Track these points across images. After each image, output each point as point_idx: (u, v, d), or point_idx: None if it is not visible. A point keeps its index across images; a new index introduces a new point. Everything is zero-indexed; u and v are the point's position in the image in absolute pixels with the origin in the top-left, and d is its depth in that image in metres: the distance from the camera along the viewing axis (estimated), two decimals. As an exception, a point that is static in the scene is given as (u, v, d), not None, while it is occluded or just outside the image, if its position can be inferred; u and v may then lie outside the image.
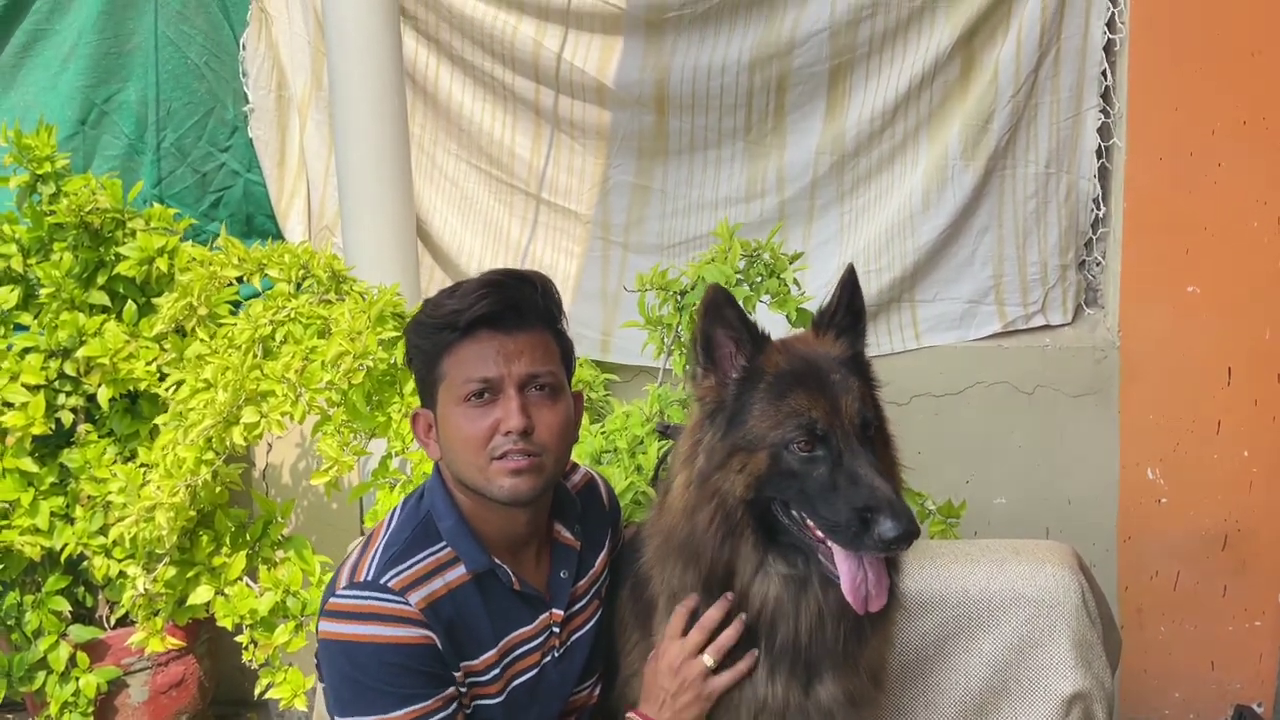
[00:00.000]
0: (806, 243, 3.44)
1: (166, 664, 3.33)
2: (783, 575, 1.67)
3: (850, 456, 1.59)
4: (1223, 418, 3.25)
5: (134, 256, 3.10)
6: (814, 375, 1.65)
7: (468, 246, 3.70)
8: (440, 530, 1.70)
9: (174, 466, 2.67)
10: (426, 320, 1.71)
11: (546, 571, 1.79)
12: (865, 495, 1.55)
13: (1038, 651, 2.28)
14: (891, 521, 1.51)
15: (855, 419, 1.62)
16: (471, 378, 1.66)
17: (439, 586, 1.66)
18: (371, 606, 1.60)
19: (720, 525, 1.65)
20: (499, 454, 1.64)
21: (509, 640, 1.72)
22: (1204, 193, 3.17)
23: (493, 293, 1.67)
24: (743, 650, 1.71)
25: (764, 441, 1.62)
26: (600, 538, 1.90)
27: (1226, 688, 3.37)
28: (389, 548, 1.68)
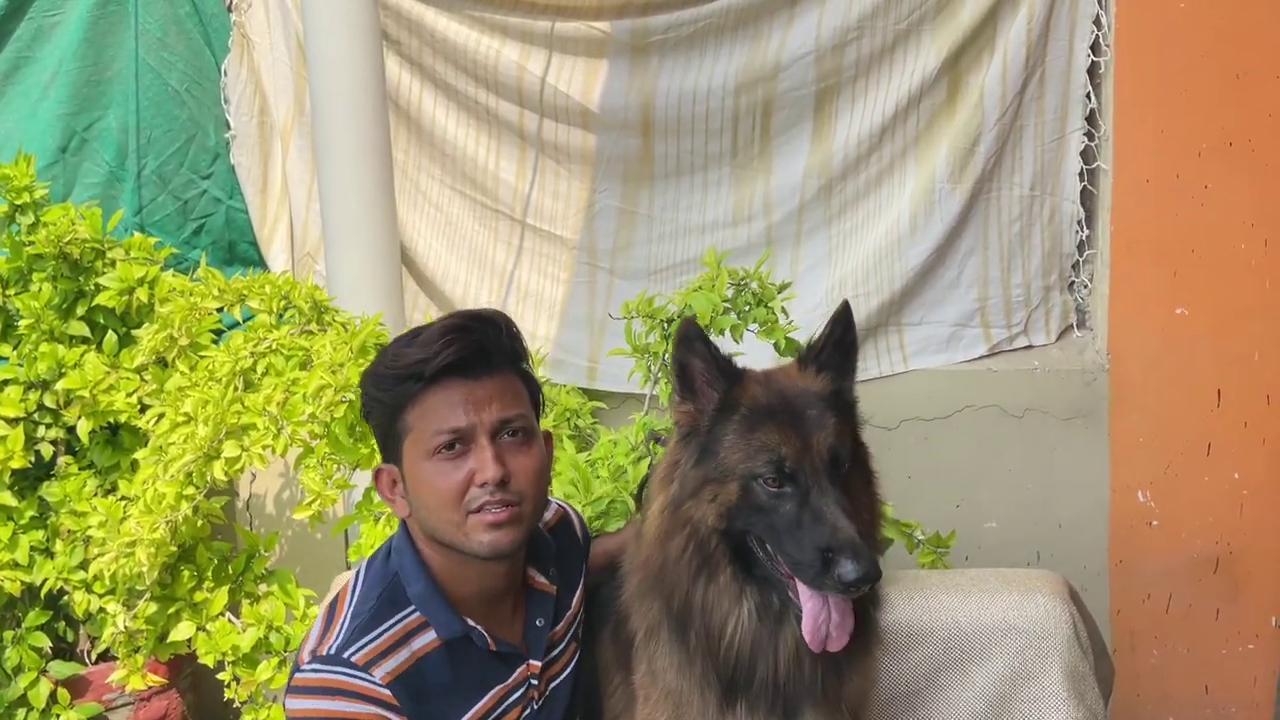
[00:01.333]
0: (794, 267, 3.43)
1: (149, 699, 3.28)
2: (759, 609, 1.64)
3: (817, 494, 1.57)
4: (1213, 440, 3.24)
5: (114, 287, 3.07)
6: (787, 410, 1.63)
7: (453, 273, 3.67)
8: (409, 595, 1.63)
9: (154, 502, 2.63)
10: (387, 372, 1.63)
11: (522, 621, 1.73)
12: (827, 535, 1.53)
13: (1030, 684, 2.25)
14: (852, 563, 1.50)
15: (825, 456, 1.60)
16: (441, 429, 1.58)
17: (405, 658, 1.59)
18: (333, 681, 1.54)
19: (694, 555, 1.62)
20: (475, 507, 1.58)
21: (488, 700, 1.65)
22: (1191, 215, 3.17)
23: (458, 338, 1.60)
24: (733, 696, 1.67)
25: (734, 473, 1.61)
26: (576, 576, 1.85)
27: (1221, 712, 3.35)
28: (354, 618, 1.61)
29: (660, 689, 1.74)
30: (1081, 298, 3.49)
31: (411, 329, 1.68)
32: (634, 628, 1.77)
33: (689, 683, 1.69)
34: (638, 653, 1.78)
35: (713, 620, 1.64)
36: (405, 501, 1.65)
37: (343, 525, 2.75)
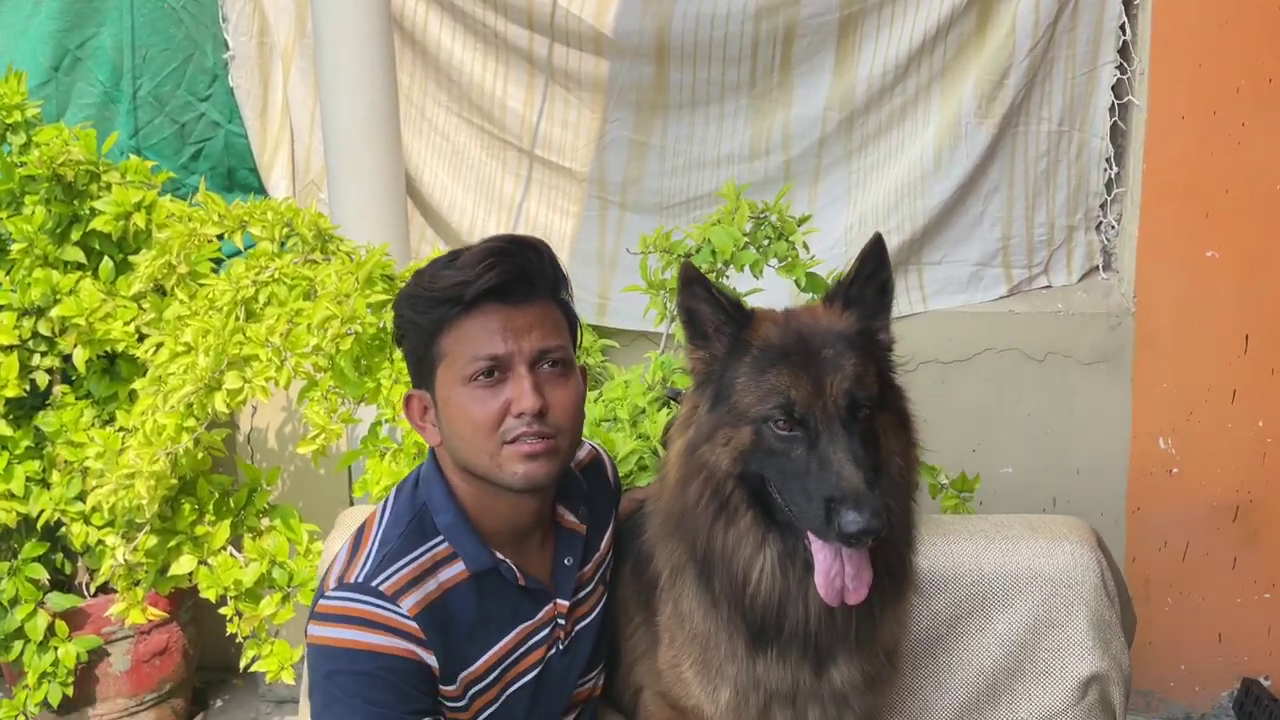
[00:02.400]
0: (813, 203, 3.32)
1: (149, 632, 3.26)
2: (782, 557, 1.59)
3: (827, 441, 1.51)
4: (1238, 386, 3.17)
5: (110, 211, 2.97)
6: (801, 351, 1.56)
7: (459, 204, 3.57)
8: (437, 525, 1.58)
9: (154, 434, 2.55)
10: (423, 293, 1.56)
11: (550, 560, 1.68)
12: (831, 484, 1.47)
13: (1054, 632, 2.21)
14: (853, 514, 1.43)
15: (840, 400, 1.53)
16: (479, 355, 1.52)
17: (433, 588, 1.54)
18: (360, 610, 1.49)
19: (710, 499, 1.58)
20: (511, 438, 1.52)
21: (513, 636, 1.61)
22: (1226, 154, 3.06)
23: (500, 262, 1.53)
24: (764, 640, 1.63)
25: (747, 417, 1.55)
26: (606, 518, 1.80)
27: (1234, 660, 3.32)
28: (383, 545, 1.56)
29: (687, 631, 1.70)
30: (1108, 238, 3.39)
31: (450, 251, 1.61)
32: (658, 569, 1.72)
33: (716, 626, 1.65)
34: (662, 594, 1.73)
35: (735, 567, 1.59)
36: (436, 429, 1.60)
37: (347, 460, 2.68)
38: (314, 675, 1.51)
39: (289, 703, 3.63)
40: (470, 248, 1.58)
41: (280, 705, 3.64)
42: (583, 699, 1.74)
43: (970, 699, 2.22)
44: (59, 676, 3.02)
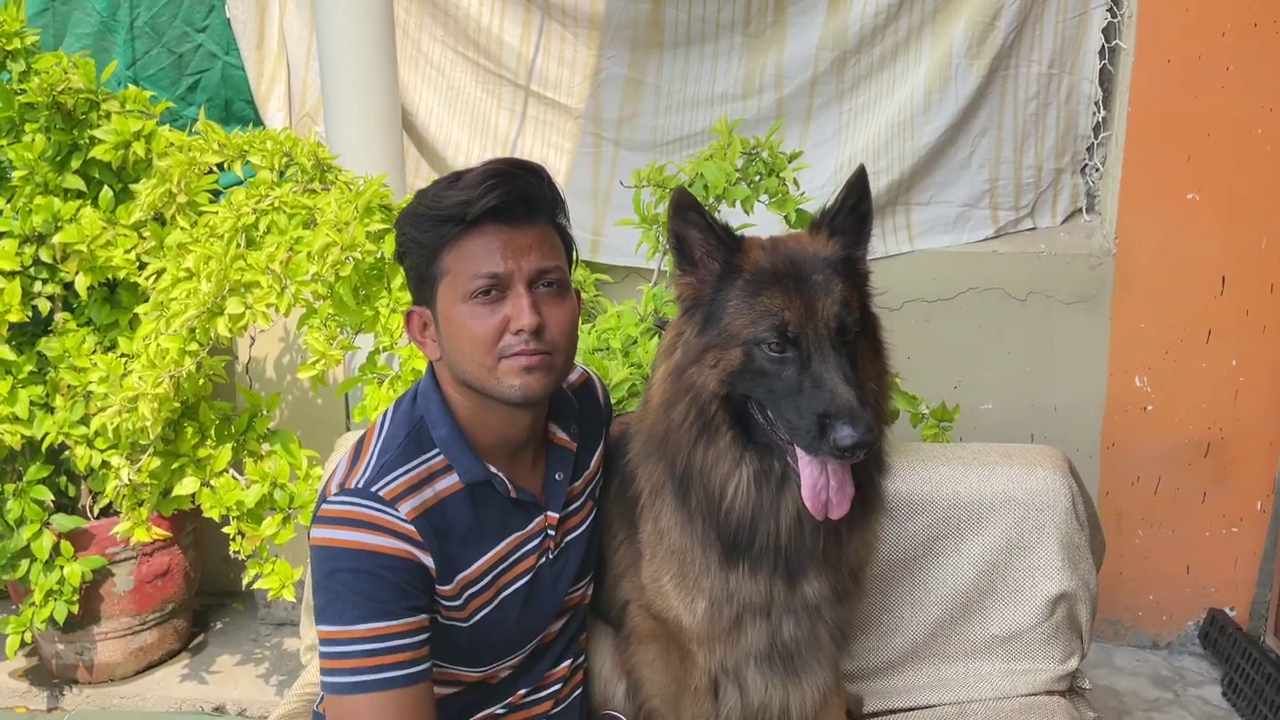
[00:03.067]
0: (804, 142, 3.37)
1: (152, 554, 3.34)
2: (758, 475, 1.65)
3: (819, 360, 1.56)
4: (1213, 327, 3.24)
5: (109, 140, 3.00)
6: (792, 275, 1.61)
7: (454, 139, 3.60)
8: (434, 438, 1.64)
9: (157, 357, 2.61)
10: (426, 212, 1.61)
11: (542, 474, 1.75)
12: (825, 401, 1.53)
13: (1026, 553, 2.30)
14: (849, 428, 1.49)
15: (830, 323, 1.58)
16: (479, 274, 1.57)
17: (430, 496, 1.61)
18: (360, 513, 1.56)
19: (695, 420, 1.63)
20: (509, 353, 1.58)
21: (506, 544, 1.68)
22: (1210, 97, 3.11)
23: (501, 183, 1.57)
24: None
25: (738, 338, 1.60)
26: (596, 438, 1.87)
27: (1201, 591, 3.44)
28: (382, 454, 1.62)
29: (665, 547, 1.77)
30: (1092, 181, 3.45)
31: (453, 172, 1.65)
32: (639, 488, 1.79)
33: (692, 541, 1.72)
34: (643, 512, 1.80)
35: (712, 483, 1.65)
36: (436, 345, 1.65)
37: (347, 386, 2.74)
38: (317, 574, 1.58)
39: (287, 625, 3.74)
40: (472, 169, 1.62)
41: (279, 627, 3.74)
42: (573, 606, 1.82)
43: (944, 616, 2.32)
44: (65, 594, 3.10)
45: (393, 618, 1.54)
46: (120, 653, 3.40)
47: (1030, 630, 2.31)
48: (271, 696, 3.34)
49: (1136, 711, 3.20)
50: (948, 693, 2.29)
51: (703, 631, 1.77)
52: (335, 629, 1.54)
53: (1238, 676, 3.21)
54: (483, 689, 1.73)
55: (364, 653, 1.53)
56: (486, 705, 1.74)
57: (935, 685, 2.31)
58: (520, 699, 1.76)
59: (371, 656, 1.53)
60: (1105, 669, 3.38)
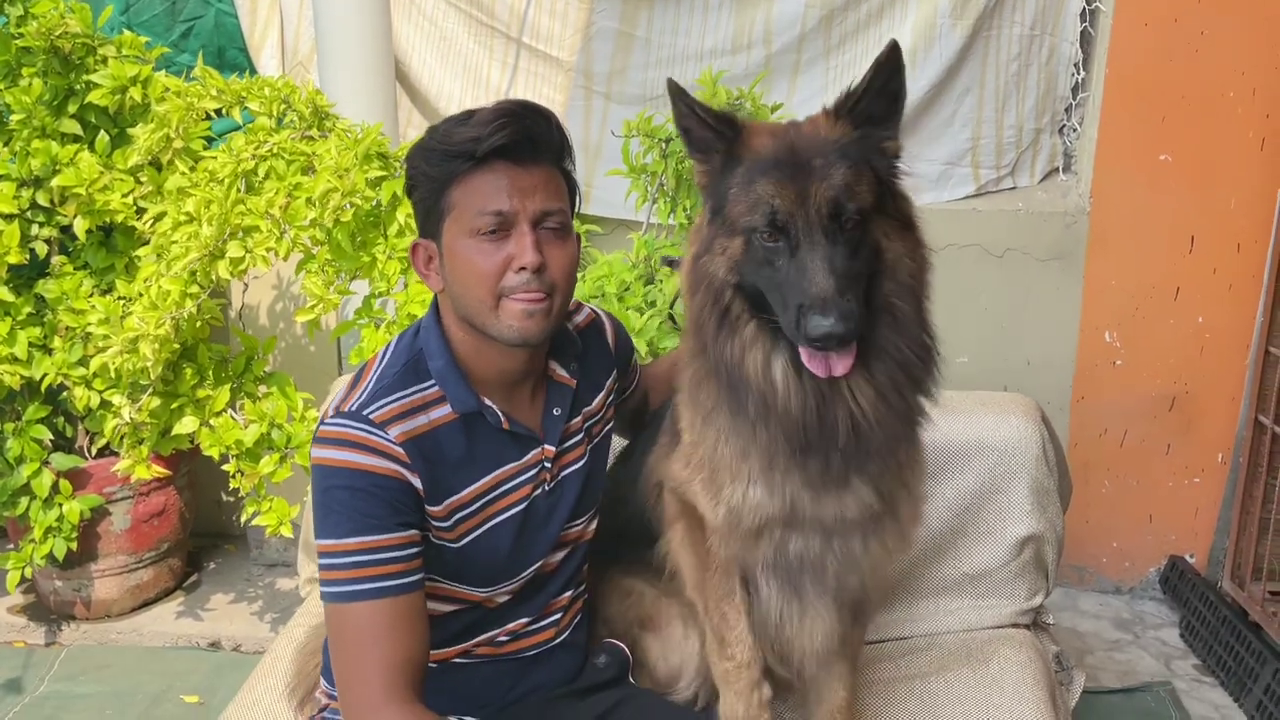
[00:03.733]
0: (790, 98, 3.43)
1: (148, 494, 3.42)
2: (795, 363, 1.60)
3: (806, 249, 1.53)
4: (1182, 284, 3.35)
5: (106, 85, 3.03)
6: (789, 162, 1.56)
7: (447, 90, 3.63)
8: (431, 369, 1.71)
9: (159, 299, 2.68)
10: (437, 147, 1.65)
11: (541, 408, 1.81)
12: (802, 290, 1.51)
13: (997, 496, 2.42)
14: (818, 317, 1.47)
15: (824, 209, 1.53)
16: (485, 210, 1.62)
17: (423, 423, 1.68)
18: (351, 434, 1.63)
19: (712, 308, 1.63)
20: (510, 293, 1.64)
21: (497, 474, 1.75)
22: (1184, 60, 3.19)
23: (511, 123, 1.62)
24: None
25: (738, 226, 1.59)
26: (601, 378, 1.92)
27: (1162, 539, 3.58)
28: (379, 381, 1.69)
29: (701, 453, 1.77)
30: (1070, 141, 3.53)
31: (464, 110, 1.69)
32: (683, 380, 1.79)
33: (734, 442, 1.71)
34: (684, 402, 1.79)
35: (746, 375, 1.63)
36: (439, 277, 1.71)
37: (343, 329, 2.82)
38: (315, 491, 1.66)
39: (279, 565, 3.83)
40: (484, 108, 1.66)
41: (271, 568, 3.83)
42: (572, 539, 1.89)
43: (919, 556, 2.43)
44: (63, 531, 3.18)
45: (384, 532, 1.63)
46: (117, 590, 3.48)
47: (999, 569, 2.43)
48: (266, 633, 3.44)
49: (1098, 651, 3.35)
50: (919, 626, 2.42)
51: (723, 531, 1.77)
52: (331, 542, 1.63)
53: (1195, 619, 3.36)
54: (481, 611, 1.81)
55: (358, 564, 1.61)
56: (487, 629, 1.82)
57: (908, 620, 2.43)
58: (522, 627, 1.83)
59: (365, 567, 1.61)
60: (1070, 612, 3.52)
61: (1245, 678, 3.06)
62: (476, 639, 1.83)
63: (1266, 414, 3.19)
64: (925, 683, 2.19)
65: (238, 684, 2.32)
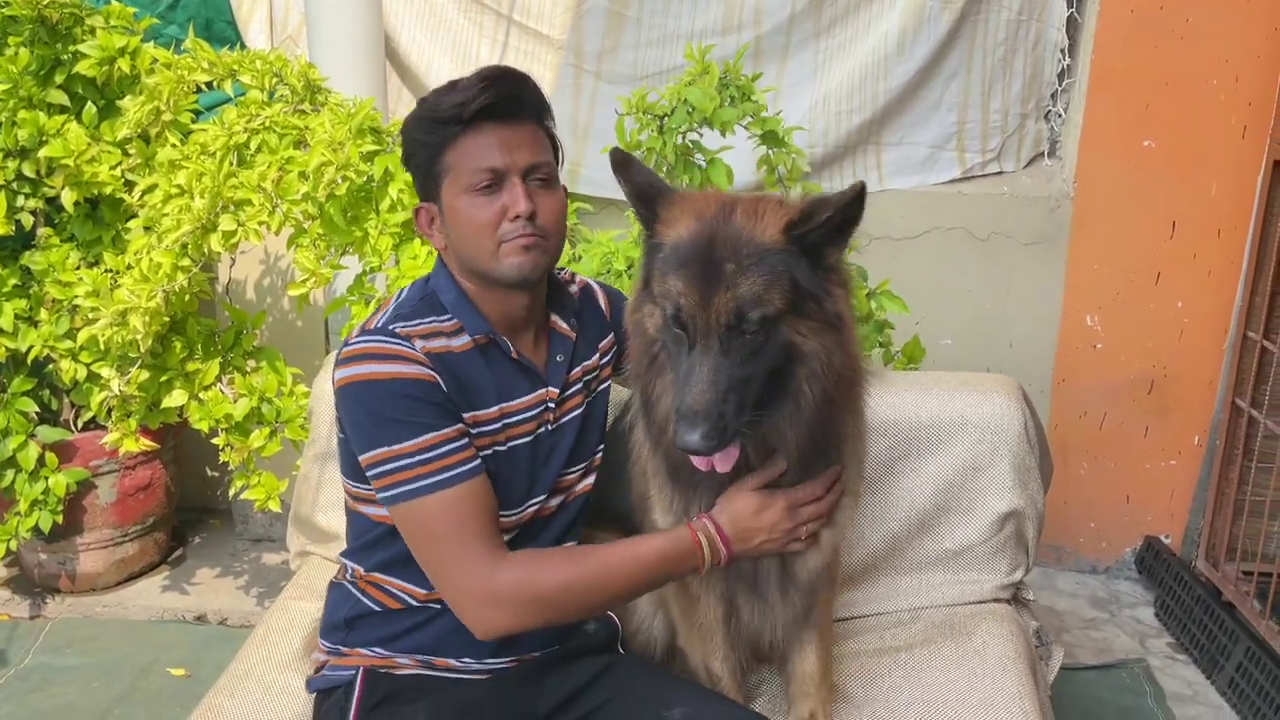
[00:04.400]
0: (780, 80, 3.44)
1: (134, 468, 3.41)
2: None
3: (699, 353, 1.57)
4: (1163, 269, 3.40)
5: (94, 55, 3.01)
6: (700, 260, 1.58)
7: (435, 67, 3.63)
8: (444, 303, 1.82)
9: (150, 271, 2.67)
10: (428, 115, 1.78)
11: (545, 354, 1.91)
12: (681, 396, 1.58)
13: (979, 473, 2.45)
14: (685, 430, 1.54)
15: (722, 317, 1.56)
16: (479, 168, 1.74)
17: (443, 344, 1.79)
18: (381, 348, 1.73)
19: (643, 354, 1.75)
20: (508, 238, 1.75)
21: (508, 405, 1.84)
22: (1169, 47, 3.23)
23: (493, 85, 1.74)
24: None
25: (659, 304, 1.66)
26: (595, 337, 2.01)
27: (1139, 520, 3.64)
28: (399, 308, 1.82)
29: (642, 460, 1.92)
30: (1055, 126, 3.57)
31: (448, 81, 1.81)
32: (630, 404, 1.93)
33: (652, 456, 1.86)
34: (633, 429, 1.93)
35: (659, 407, 1.74)
36: (442, 235, 1.83)
37: (334, 306, 2.82)
38: (356, 407, 1.72)
39: (265, 540, 3.84)
40: (466, 76, 1.78)
41: (256, 543, 3.84)
42: (567, 486, 1.94)
43: (902, 532, 2.47)
44: (49, 504, 3.17)
45: (439, 429, 1.72)
46: (102, 563, 3.48)
47: (980, 544, 2.47)
48: (252, 607, 3.45)
49: (1074, 629, 3.41)
50: (902, 600, 2.45)
51: None
52: (390, 449, 1.70)
53: (1169, 599, 3.43)
54: None
55: (421, 461, 1.70)
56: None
57: (890, 594, 2.47)
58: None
59: (430, 463, 1.70)
60: (1047, 591, 3.58)
61: (1218, 655, 3.13)
62: None
63: (1244, 397, 3.25)
64: (909, 654, 2.23)
65: (224, 657, 2.33)
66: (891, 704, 2.09)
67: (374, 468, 1.73)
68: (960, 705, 2.06)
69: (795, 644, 2.04)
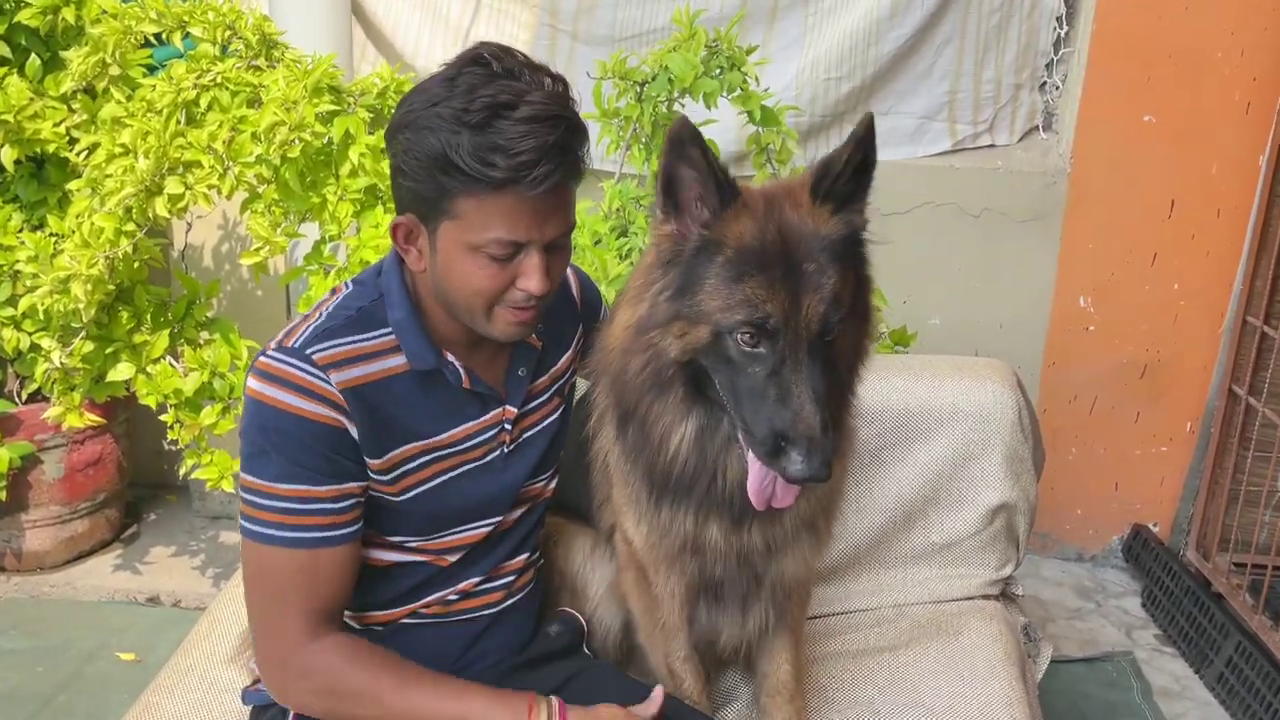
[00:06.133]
0: (767, 45, 3.28)
1: (83, 442, 3.26)
2: (703, 429, 1.57)
3: (791, 368, 1.43)
4: (1159, 250, 3.28)
5: (37, 4, 2.84)
6: (781, 261, 1.43)
7: (404, 24, 3.46)
8: (389, 319, 1.59)
9: (91, 236, 2.50)
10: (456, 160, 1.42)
11: (504, 367, 1.71)
12: (787, 420, 1.41)
13: (971, 464, 2.35)
14: (802, 460, 1.40)
15: (814, 325, 1.43)
16: (502, 239, 1.47)
17: (370, 371, 1.56)
18: (290, 374, 1.52)
19: (650, 378, 1.54)
20: (507, 304, 1.53)
21: (457, 431, 1.65)
22: (1173, 18, 3.09)
23: (554, 156, 1.42)
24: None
25: (709, 319, 1.46)
26: (568, 335, 1.83)
27: (1127, 507, 3.54)
28: (329, 319, 1.57)
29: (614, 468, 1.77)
30: (1051, 98, 3.44)
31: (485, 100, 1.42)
32: (592, 403, 1.77)
33: (630, 470, 1.70)
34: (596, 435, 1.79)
35: (654, 431, 1.58)
36: (423, 261, 1.56)
37: (291, 276, 2.67)
38: (247, 423, 1.56)
39: (223, 518, 3.69)
40: (514, 108, 1.42)
41: (214, 520, 3.69)
42: (531, 496, 1.80)
43: (887, 524, 2.36)
44: (-8, 480, 3.03)
45: (317, 484, 1.54)
46: (50, 541, 3.34)
47: (969, 538, 2.37)
48: (208, 588, 3.31)
49: (1060, 619, 3.32)
50: (886, 596, 2.35)
51: (646, 558, 1.77)
52: (260, 481, 1.54)
53: (1156, 588, 3.34)
54: (433, 570, 1.72)
55: (286, 510, 1.54)
56: (437, 589, 1.73)
57: (875, 590, 2.37)
58: (472, 587, 1.75)
59: (293, 515, 1.54)
60: (1032, 579, 3.49)
61: (1207, 649, 3.05)
62: (426, 598, 1.74)
63: (1241, 384, 3.15)
64: (895, 655, 2.12)
65: (177, 641, 2.20)
66: (876, 709, 1.98)
67: (242, 490, 1.57)
68: (948, 712, 1.96)
69: (765, 649, 1.91)
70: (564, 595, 1.95)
